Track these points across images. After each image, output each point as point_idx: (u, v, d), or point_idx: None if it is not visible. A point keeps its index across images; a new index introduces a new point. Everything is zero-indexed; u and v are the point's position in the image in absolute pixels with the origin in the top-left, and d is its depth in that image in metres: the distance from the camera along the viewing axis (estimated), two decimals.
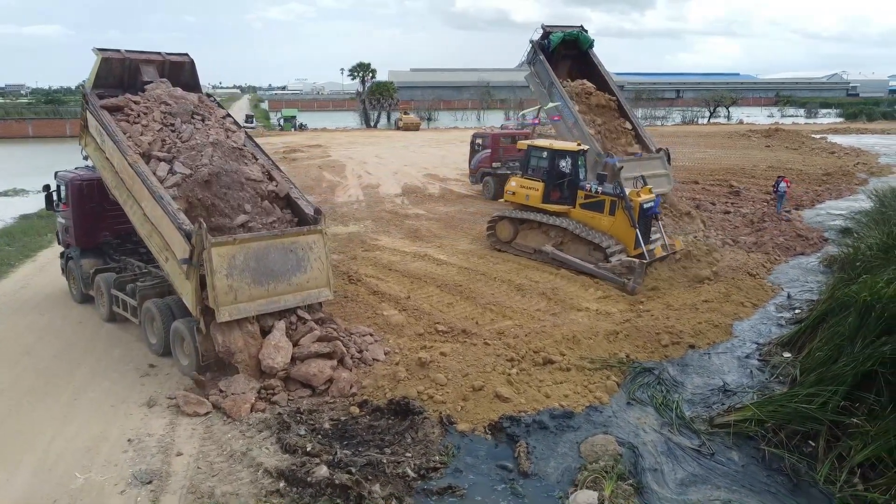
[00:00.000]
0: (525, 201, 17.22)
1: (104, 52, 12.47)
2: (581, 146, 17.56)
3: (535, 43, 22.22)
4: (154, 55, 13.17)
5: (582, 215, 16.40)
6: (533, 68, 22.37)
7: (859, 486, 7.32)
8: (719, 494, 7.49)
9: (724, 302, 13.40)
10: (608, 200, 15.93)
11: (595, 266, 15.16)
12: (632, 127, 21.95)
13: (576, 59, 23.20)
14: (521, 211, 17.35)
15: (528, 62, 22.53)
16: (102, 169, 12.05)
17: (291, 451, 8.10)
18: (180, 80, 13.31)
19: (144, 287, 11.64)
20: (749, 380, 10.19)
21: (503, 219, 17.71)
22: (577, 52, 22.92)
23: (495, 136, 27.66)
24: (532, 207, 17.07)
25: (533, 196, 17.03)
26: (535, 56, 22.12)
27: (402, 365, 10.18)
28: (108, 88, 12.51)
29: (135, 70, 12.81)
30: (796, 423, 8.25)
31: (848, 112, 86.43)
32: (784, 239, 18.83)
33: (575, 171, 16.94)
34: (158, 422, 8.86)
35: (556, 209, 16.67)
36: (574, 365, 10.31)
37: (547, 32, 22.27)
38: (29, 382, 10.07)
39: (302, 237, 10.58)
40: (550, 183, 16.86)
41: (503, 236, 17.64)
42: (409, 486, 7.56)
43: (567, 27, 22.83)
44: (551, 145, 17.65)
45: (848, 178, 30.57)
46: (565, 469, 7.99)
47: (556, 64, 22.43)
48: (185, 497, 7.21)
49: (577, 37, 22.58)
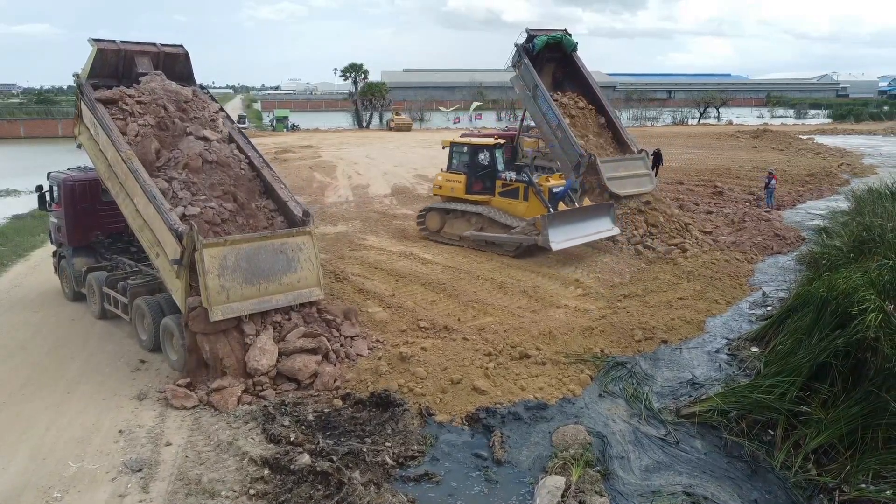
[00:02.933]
0: (451, 193, 19.06)
1: (100, 42, 12.60)
2: (498, 140, 19.70)
3: (519, 46, 22.51)
4: (149, 46, 13.26)
5: (501, 203, 18.26)
6: (518, 71, 22.68)
7: (812, 471, 7.75)
8: (681, 480, 7.90)
9: (699, 299, 13.84)
10: (522, 187, 17.87)
11: (508, 234, 17.21)
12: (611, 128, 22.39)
13: (560, 62, 23.53)
14: (448, 202, 19.15)
15: (513, 65, 22.83)
16: (95, 159, 12.17)
17: (276, 440, 8.47)
18: (175, 71, 13.43)
19: (135, 285, 11.97)
20: (717, 373, 10.62)
21: (431, 210, 19.55)
22: (561, 54, 23.25)
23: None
24: (457, 199, 18.86)
25: (457, 188, 18.89)
26: (520, 59, 22.40)
27: (385, 359, 10.58)
28: (103, 79, 12.65)
29: (130, 61, 12.93)
30: (757, 413, 8.67)
31: (837, 113, 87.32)
32: (762, 238, 19.30)
33: (493, 163, 18.80)
34: (148, 414, 9.21)
35: (478, 199, 18.53)
36: (549, 359, 10.72)
37: (531, 36, 22.60)
38: (24, 376, 10.41)
39: (291, 238, 10.87)
40: (472, 175, 18.69)
41: (432, 227, 19.40)
42: (388, 474, 7.95)
43: (551, 30, 23.14)
44: (470, 141, 19.83)
45: (830, 179, 31.10)
46: (537, 457, 8.39)
47: (542, 66, 22.73)
48: (174, 483, 7.58)
49: (560, 40, 22.89)
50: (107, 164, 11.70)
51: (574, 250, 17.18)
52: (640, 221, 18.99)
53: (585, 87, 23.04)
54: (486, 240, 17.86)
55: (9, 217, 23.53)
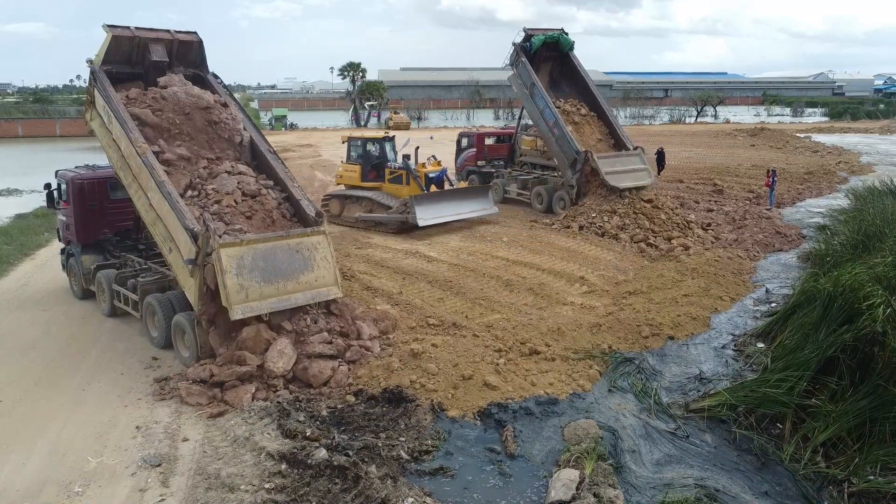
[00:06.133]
0: (349, 182, 21.89)
1: (114, 28, 12.40)
2: (388, 133, 22.90)
3: (517, 45, 23.11)
4: (163, 33, 13.05)
5: (390, 188, 21.08)
6: (515, 70, 23.23)
7: (821, 463, 7.89)
8: (692, 473, 8.02)
9: (704, 296, 13.97)
10: (404, 174, 20.64)
11: (386, 214, 19.94)
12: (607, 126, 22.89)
13: (557, 61, 23.97)
14: (347, 190, 21.99)
15: (510, 64, 23.40)
16: (108, 147, 12.05)
17: (292, 435, 8.57)
18: (188, 58, 13.34)
19: (145, 282, 12.05)
20: (724, 368, 10.75)
21: (333, 197, 22.39)
22: (558, 53, 23.74)
23: (480, 135, 28.73)
24: (355, 186, 21.69)
25: (354, 177, 21.72)
26: (518, 58, 22.99)
27: (396, 356, 10.67)
28: (116, 65, 12.55)
29: (143, 48, 12.75)
30: (765, 407, 8.80)
31: (833, 111, 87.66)
32: (763, 236, 19.46)
33: (383, 154, 21.68)
34: (164, 410, 9.30)
35: (371, 185, 21.36)
36: (559, 355, 10.84)
37: (529, 35, 23.21)
38: (37, 374, 10.49)
39: (306, 238, 10.93)
40: (366, 165, 21.48)
41: (334, 212, 21.79)
42: (403, 468, 8.05)
43: (548, 30, 23.65)
44: (363, 135, 23.26)
45: (829, 177, 31.32)
46: (549, 451, 8.50)
47: (539, 65, 23.34)
48: (193, 478, 7.67)
49: (557, 39, 23.47)
50: (119, 154, 11.60)
51: (578, 247, 17.34)
52: (643, 219, 19.15)
53: (582, 86, 23.55)
54: (374, 220, 20.22)
55: (12, 216, 23.54)
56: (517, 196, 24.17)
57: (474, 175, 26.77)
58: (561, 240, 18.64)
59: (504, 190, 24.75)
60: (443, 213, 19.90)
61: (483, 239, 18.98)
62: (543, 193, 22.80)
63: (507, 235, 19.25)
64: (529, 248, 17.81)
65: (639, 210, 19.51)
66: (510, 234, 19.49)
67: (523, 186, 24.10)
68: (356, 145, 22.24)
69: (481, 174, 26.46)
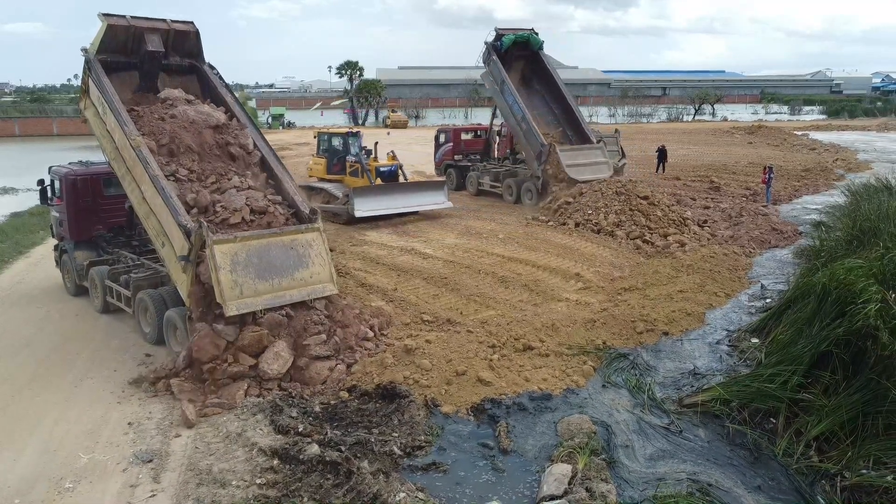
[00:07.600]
0: (317, 174, 23.19)
1: (109, 17, 12.19)
2: (352, 129, 24.27)
3: (488, 44, 24.65)
4: (159, 23, 12.82)
5: (351, 180, 22.14)
6: (488, 67, 24.63)
7: (814, 457, 7.87)
8: (685, 467, 8.00)
9: (699, 292, 13.95)
10: (360, 168, 21.83)
11: (335, 205, 21.06)
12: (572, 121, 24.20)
13: (528, 60, 25.37)
14: (316, 182, 22.99)
15: (483, 62, 24.65)
16: (102, 138, 11.91)
17: (284, 431, 8.54)
18: (184, 48, 13.15)
19: (138, 278, 12.00)
20: (718, 364, 10.74)
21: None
22: (529, 52, 25.09)
23: (456, 131, 30.32)
24: (322, 178, 22.98)
25: (320, 170, 23.09)
26: (489, 56, 24.39)
27: (389, 352, 10.65)
28: (112, 54, 12.39)
29: (139, 38, 12.53)
30: (759, 402, 8.77)
31: (831, 109, 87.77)
32: (760, 233, 19.46)
33: (346, 148, 22.79)
34: (156, 406, 9.27)
35: (335, 178, 22.60)
36: (553, 351, 10.82)
37: (500, 35, 24.78)
38: (30, 371, 10.46)
39: (301, 235, 10.84)
40: (331, 159, 22.74)
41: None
42: (396, 463, 8.02)
43: (519, 30, 25.19)
44: (329, 130, 24.49)
45: (826, 175, 31.35)
46: (543, 446, 8.48)
47: (511, 64, 24.79)
48: (185, 474, 7.64)
49: (527, 38, 25.21)
50: (113, 145, 11.49)
51: (574, 244, 17.35)
52: (640, 216, 19.15)
53: (552, 84, 24.80)
54: (329, 211, 20.79)
55: (7, 215, 23.51)
56: (490, 188, 25.69)
57: (452, 169, 28.20)
58: (557, 237, 18.64)
59: (478, 182, 26.25)
60: (382, 206, 20.80)
61: (479, 236, 18.98)
62: (513, 185, 24.34)
63: (502, 232, 19.26)
64: (525, 244, 17.81)
65: (635, 207, 19.49)
66: (506, 231, 19.50)
67: (496, 179, 25.57)
68: (324, 140, 23.57)
69: (458, 168, 28.05)
